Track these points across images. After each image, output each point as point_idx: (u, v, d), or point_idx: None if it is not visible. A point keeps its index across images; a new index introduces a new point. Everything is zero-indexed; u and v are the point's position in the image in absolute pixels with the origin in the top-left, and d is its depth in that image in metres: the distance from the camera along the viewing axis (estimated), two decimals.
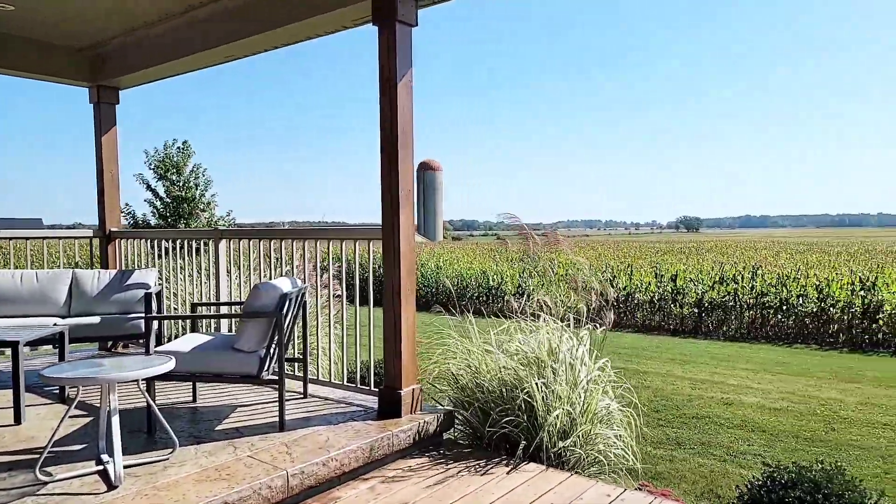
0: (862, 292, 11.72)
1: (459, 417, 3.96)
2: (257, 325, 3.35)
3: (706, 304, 13.21)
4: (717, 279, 13.93)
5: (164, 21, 4.52)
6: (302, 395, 4.07)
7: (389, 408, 3.64)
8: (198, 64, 4.79)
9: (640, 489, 3.55)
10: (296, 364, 4.41)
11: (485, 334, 4.22)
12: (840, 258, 20.90)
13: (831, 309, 11.88)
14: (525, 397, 3.65)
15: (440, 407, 3.94)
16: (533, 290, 4.73)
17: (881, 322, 11.35)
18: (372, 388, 3.99)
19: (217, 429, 3.49)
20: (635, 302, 14.22)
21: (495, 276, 15.78)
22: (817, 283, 12.61)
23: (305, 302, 3.89)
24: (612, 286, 14.73)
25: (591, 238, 73.82)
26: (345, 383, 4.17)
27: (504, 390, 3.80)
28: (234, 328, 4.81)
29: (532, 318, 4.28)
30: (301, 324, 4.07)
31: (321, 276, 4.36)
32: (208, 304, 4.90)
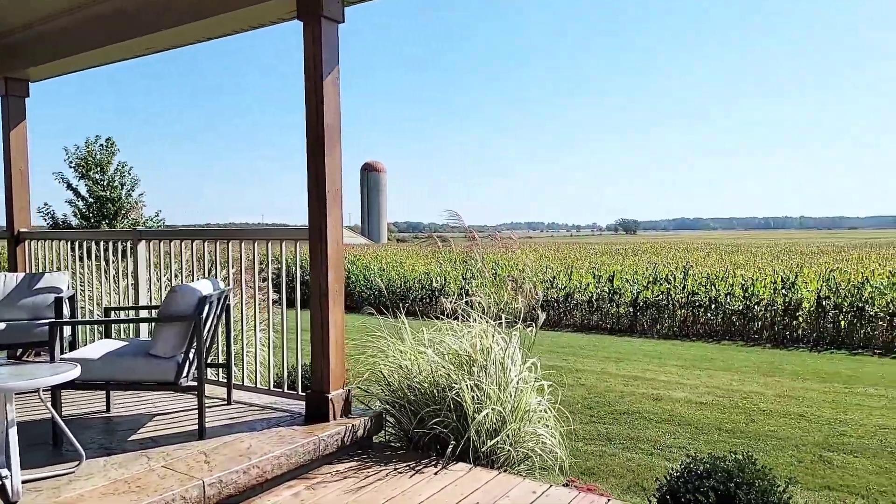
0: (784, 291, 12.38)
1: (390, 420, 3.92)
2: (174, 329, 3.21)
3: (641, 304, 13.65)
4: (651, 279, 14.41)
5: (75, 11, 4.28)
6: (226, 402, 3.93)
7: (317, 412, 3.56)
8: (113, 56, 4.56)
9: (568, 485, 3.60)
10: (220, 370, 4.26)
11: (419, 335, 4.20)
12: (764, 258, 22.02)
13: (756, 307, 12.49)
14: (455, 397, 3.64)
15: (370, 409, 3.89)
16: (471, 290, 4.74)
17: (800, 319, 12.02)
18: (299, 393, 3.90)
19: (131, 439, 3.32)
20: (574, 302, 14.54)
21: (438, 278, 15.80)
22: (743, 282, 13.22)
23: (229, 305, 3.76)
24: (553, 287, 15.01)
25: (534, 240, 75.14)
26: (272, 389, 4.06)
27: (435, 391, 3.79)
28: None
29: (467, 318, 4.29)
30: (225, 328, 3.93)
31: (245, 279, 4.21)
32: (124, 309, 4.66)
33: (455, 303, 4.33)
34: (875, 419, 5.83)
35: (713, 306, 12.96)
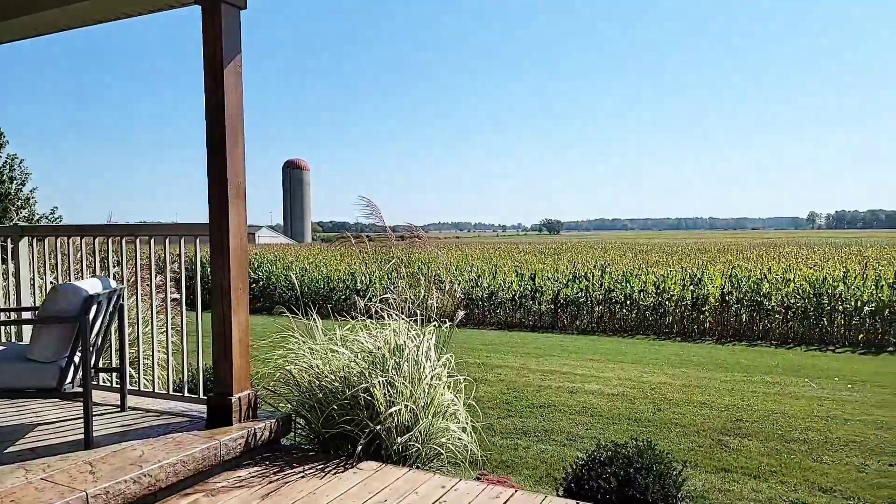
0: (692, 287, 13.08)
1: (300, 421, 3.81)
2: (56, 331, 2.97)
3: (562, 301, 14.05)
4: (571, 277, 14.85)
5: None
6: (119, 409, 3.68)
7: (219, 416, 3.40)
8: None
9: (479, 479, 3.63)
10: (114, 374, 3.99)
11: (334, 334, 4.11)
12: (675, 257, 23.21)
13: (667, 303, 13.14)
14: (365, 395, 3.59)
15: (279, 411, 3.76)
16: (393, 289, 4.67)
17: (707, 313, 12.76)
18: (201, 396, 3.71)
19: (7, 451, 3.05)
20: (498, 300, 14.78)
21: (364, 278, 15.62)
22: (655, 279, 13.87)
23: (122, 305, 3.53)
24: (478, 285, 15.18)
25: (461, 239, 75.88)
26: (171, 393, 3.84)
27: (346, 389, 3.71)
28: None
29: (387, 316, 4.23)
30: (118, 330, 3.68)
31: (142, 277, 3.97)
32: (4, 311, 4.28)
33: (373, 302, 4.27)
34: (769, 405, 6.24)
35: (628, 302, 13.52)
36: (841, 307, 11.60)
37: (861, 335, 11.27)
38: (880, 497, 3.95)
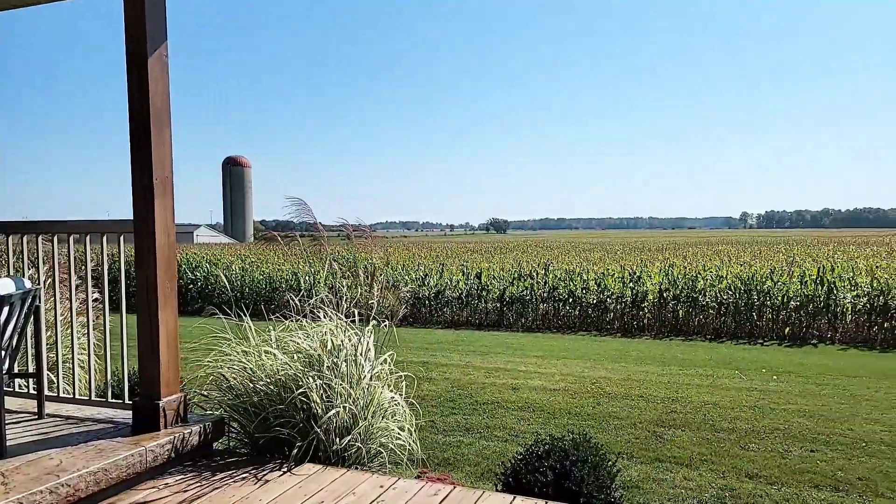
0: (631, 284, 13.47)
1: (234, 425, 3.68)
2: None
3: (507, 299, 14.20)
4: (516, 276, 15.04)
5: None
6: (37, 416, 3.47)
7: (146, 421, 3.25)
8: None
9: (420, 477, 3.61)
10: (31, 380, 3.76)
11: (269, 336, 3.99)
12: (617, 255, 23.87)
13: (608, 300, 13.49)
14: (302, 397, 3.50)
15: (211, 415, 3.63)
16: (335, 288, 4.57)
17: (646, 309, 13.16)
18: (126, 402, 3.54)
19: None
20: (445, 299, 14.80)
21: (307, 278, 15.35)
22: (597, 277, 14.22)
23: (38, 307, 3.32)
24: (424, 284, 15.16)
25: (409, 239, 75.69)
26: (94, 399, 3.64)
27: (282, 392, 3.62)
28: None
29: (325, 316, 4.14)
30: (34, 333, 3.46)
31: (60, 277, 3.75)
32: None
33: (313, 301, 4.17)
34: (702, 396, 6.48)
35: (571, 300, 13.81)
36: (769, 302, 12.19)
37: (787, 329, 11.88)
38: (802, 481, 4.16)
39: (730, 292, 12.52)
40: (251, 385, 3.66)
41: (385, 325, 4.28)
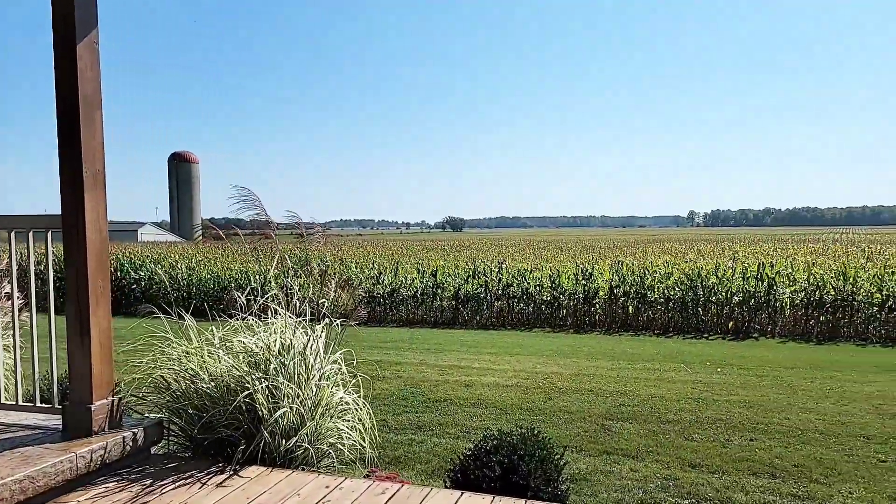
0: (584, 281, 13.71)
1: (174, 428, 3.55)
2: None
3: (462, 297, 14.24)
4: (471, 273, 15.09)
5: None
6: None
7: (77, 426, 3.09)
8: None
9: (368, 476, 3.56)
10: None
11: (214, 336, 3.86)
12: (570, 253, 24.30)
13: (561, 297, 13.69)
14: (247, 399, 3.40)
15: (148, 418, 3.48)
16: (287, 287, 4.44)
17: (597, 306, 13.42)
18: (56, 406, 3.36)
19: None
20: (401, 297, 14.73)
21: (258, 277, 15.01)
22: (551, 274, 14.41)
23: None
24: (379, 283, 15.04)
25: (364, 237, 75.09)
26: (20, 404, 3.45)
27: (227, 393, 3.50)
28: None
29: (268, 314, 4.03)
30: None
31: None
32: None
33: (263, 299, 4.05)
34: (649, 389, 6.64)
35: (525, 297, 13.95)
36: (714, 298, 12.61)
37: (731, 323, 12.32)
38: (741, 469, 4.30)
39: (677, 288, 12.89)
40: (193, 387, 3.53)
41: (337, 324, 4.20)
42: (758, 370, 7.90)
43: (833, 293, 11.83)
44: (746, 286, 12.54)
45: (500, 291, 14.15)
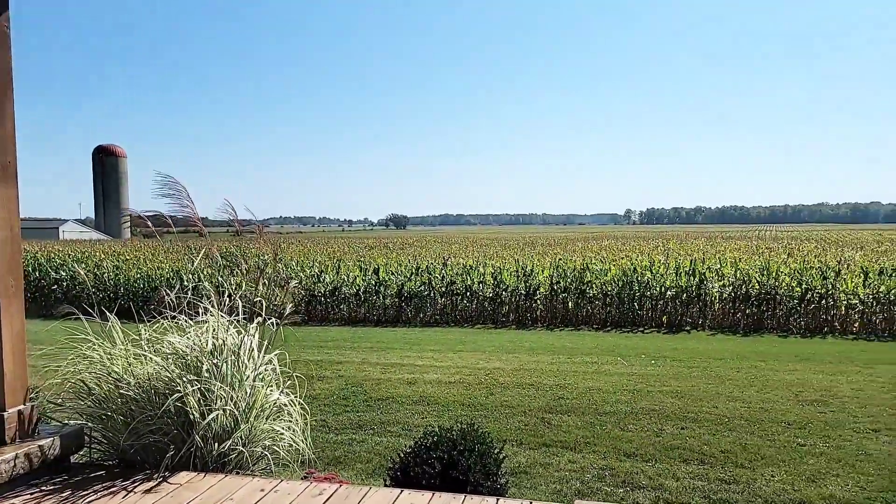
0: (525, 278, 13.92)
1: (96, 435, 3.36)
2: None
3: (405, 294, 14.18)
4: (414, 271, 15.05)
5: None
6: None
7: None
8: None
9: (306, 477, 3.48)
10: None
11: (141, 337, 3.67)
12: (512, 251, 24.63)
13: (503, 293, 13.85)
14: (177, 403, 3.25)
15: (68, 425, 3.28)
16: (216, 287, 4.26)
17: (538, 302, 13.65)
18: None
19: None
20: (342, 295, 14.52)
21: (190, 276, 14.46)
22: (493, 272, 14.55)
23: None
24: (320, 281, 14.78)
25: (305, 234, 73.57)
26: None
27: (155, 397, 3.34)
28: None
29: (201, 314, 3.86)
30: None
31: None
32: None
33: (193, 298, 3.88)
34: (587, 382, 6.80)
35: (468, 294, 14.04)
36: (649, 293, 13.06)
37: (664, 317, 12.79)
38: (673, 457, 4.46)
39: (614, 284, 13.27)
40: (118, 391, 3.35)
41: (273, 324, 4.08)
42: (689, 362, 8.23)
43: (757, 287, 12.47)
44: (679, 282, 13.05)
45: (443, 289, 14.17)
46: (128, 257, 17.45)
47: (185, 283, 14.12)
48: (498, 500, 2.74)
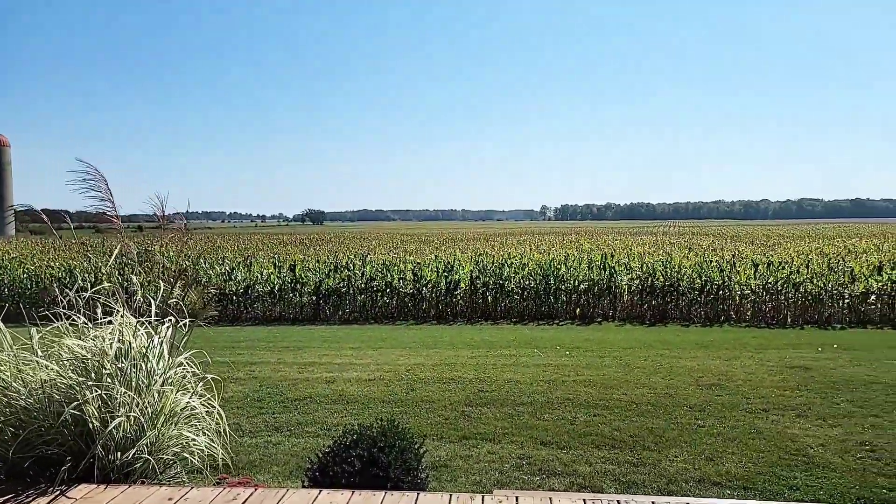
0: (445, 273, 14.03)
1: None
2: None
3: (324, 292, 13.91)
4: (333, 267, 14.80)
5: None
6: None
7: None
8: None
9: (219, 483, 3.34)
10: None
11: (35, 342, 3.38)
12: (432, 246, 24.77)
13: (424, 289, 13.90)
14: (75, 411, 3.02)
15: None
16: (115, 286, 3.98)
17: (458, 297, 13.82)
18: None
19: None
20: (256, 294, 14.04)
21: (86, 275, 13.49)
22: (413, 267, 14.57)
23: None
24: (231, 279, 14.22)
25: (214, 230, 70.41)
26: None
27: (49, 405, 3.09)
28: None
29: (100, 315, 3.61)
30: None
31: None
32: None
33: (91, 298, 3.61)
34: (506, 375, 6.95)
35: (388, 290, 13.97)
36: (563, 287, 13.54)
37: (578, 309, 13.31)
38: (586, 443, 4.65)
39: (531, 278, 13.66)
40: (5, 400, 3.08)
41: (184, 325, 3.88)
42: (600, 351, 8.60)
43: (662, 280, 13.23)
44: (591, 275, 13.61)
45: (363, 285, 14.03)
46: (14, 255, 16.03)
47: (80, 282, 13.16)
48: (418, 494, 2.75)
